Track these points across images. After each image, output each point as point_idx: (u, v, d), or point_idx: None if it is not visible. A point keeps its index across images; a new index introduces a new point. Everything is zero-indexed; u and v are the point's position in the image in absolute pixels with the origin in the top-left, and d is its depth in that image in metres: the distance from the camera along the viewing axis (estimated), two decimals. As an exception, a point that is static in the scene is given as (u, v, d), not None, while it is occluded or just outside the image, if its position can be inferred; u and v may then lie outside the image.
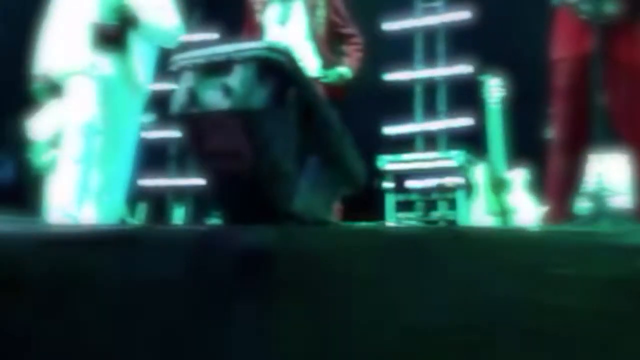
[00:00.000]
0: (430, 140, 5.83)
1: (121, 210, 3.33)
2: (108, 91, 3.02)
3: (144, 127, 5.39)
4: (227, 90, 1.81)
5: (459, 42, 5.74)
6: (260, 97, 1.81)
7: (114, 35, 2.97)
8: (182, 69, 1.95)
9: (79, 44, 2.99)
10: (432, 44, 6.06)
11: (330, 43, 3.40)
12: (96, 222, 3.20)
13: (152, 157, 5.52)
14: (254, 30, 3.39)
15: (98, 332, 1.61)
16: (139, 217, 4.97)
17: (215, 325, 1.54)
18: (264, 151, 1.84)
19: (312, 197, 1.92)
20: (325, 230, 1.73)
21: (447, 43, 5.98)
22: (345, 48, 3.51)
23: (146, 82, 3.17)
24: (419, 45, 6.10)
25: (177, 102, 1.89)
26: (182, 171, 5.71)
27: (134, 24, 3.02)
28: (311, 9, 3.33)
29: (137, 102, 3.20)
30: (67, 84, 3.05)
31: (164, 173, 5.69)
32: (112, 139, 3.12)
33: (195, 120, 1.90)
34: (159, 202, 5.43)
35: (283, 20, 3.34)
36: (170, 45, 3.36)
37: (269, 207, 1.87)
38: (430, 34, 6.08)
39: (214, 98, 1.84)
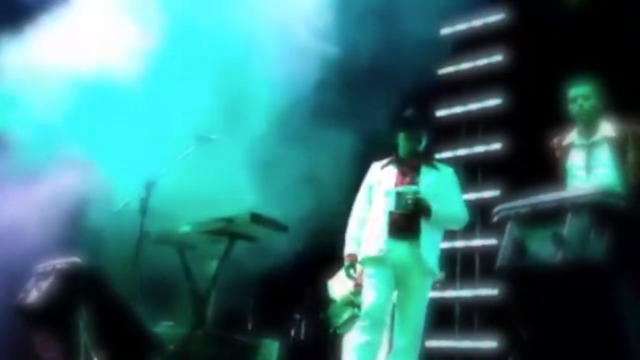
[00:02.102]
0: None
1: None
2: (401, 274, 3.15)
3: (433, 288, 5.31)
4: (560, 241, 1.66)
5: None
6: (598, 248, 1.63)
7: (409, 224, 3.14)
8: (505, 220, 1.85)
9: (378, 231, 3.18)
10: None
11: None
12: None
13: (438, 317, 5.39)
14: (559, 177, 3.17)
15: None
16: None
17: None
18: (609, 308, 1.63)
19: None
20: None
21: None
22: None
23: (435, 262, 3.23)
24: None
25: (503, 255, 1.78)
26: (468, 333, 5.49)
27: (426, 213, 3.14)
28: (621, 153, 3.08)
29: (426, 283, 3.27)
30: (366, 267, 3.23)
31: (450, 334, 5.51)
32: (405, 317, 3.19)
33: (523, 273, 1.76)
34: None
35: (587, 167, 3.13)
36: (457, 228, 3.43)
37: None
38: None
39: (544, 249, 1.70)
